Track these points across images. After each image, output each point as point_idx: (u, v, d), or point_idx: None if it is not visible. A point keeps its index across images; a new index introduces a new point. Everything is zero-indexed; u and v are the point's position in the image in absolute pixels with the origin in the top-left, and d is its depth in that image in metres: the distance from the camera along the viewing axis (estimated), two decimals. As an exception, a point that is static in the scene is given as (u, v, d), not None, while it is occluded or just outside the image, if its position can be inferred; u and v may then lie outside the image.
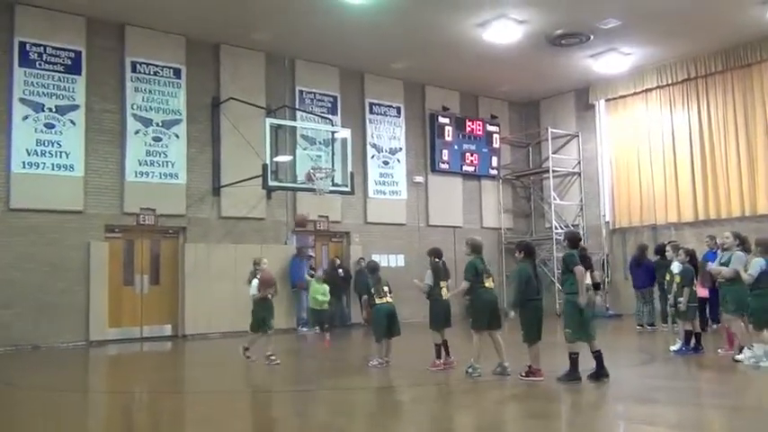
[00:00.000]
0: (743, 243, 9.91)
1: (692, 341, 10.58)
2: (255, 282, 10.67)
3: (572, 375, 8.28)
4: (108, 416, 7.86)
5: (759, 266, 9.06)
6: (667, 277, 11.12)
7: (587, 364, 8.31)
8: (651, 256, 14.59)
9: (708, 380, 9.16)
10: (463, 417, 7.25)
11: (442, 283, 9.68)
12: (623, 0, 14.33)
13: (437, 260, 9.85)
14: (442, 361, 9.57)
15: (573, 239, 8.93)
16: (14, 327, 13.31)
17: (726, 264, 9.64)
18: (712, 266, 10.25)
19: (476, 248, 9.28)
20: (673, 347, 10.72)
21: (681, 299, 10.43)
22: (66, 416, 7.60)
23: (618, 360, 10.46)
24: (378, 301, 10.03)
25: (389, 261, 18.36)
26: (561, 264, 8.91)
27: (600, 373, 8.23)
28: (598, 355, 8.32)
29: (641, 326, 14.38)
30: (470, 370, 8.87)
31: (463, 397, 8.21)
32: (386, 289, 10.10)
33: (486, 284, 9.05)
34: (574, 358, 8.32)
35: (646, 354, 11.26)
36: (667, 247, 12.26)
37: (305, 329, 16.26)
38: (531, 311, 8.57)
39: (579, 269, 8.30)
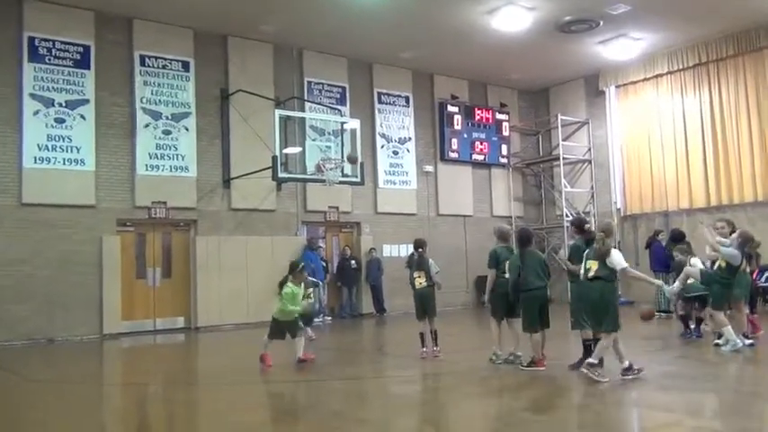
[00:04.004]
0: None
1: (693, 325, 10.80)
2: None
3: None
4: (123, 407, 7.92)
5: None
6: None
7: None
8: (665, 242, 14.54)
9: (724, 366, 9.11)
10: (472, 405, 7.26)
11: (416, 274, 9.77)
12: (633, -15, 14.22)
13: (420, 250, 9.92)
14: (424, 349, 9.71)
15: (576, 225, 9.07)
16: (29, 321, 13.43)
17: None
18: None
19: (501, 236, 9.36)
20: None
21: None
22: (82, 408, 7.66)
23: (628, 347, 10.41)
24: None
25: (400, 251, 18.37)
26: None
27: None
28: (590, 344, 8.32)
29: (658, 312, 14.27)
30: (494, 357, 8.97)
31: (479, 385, 8.21)
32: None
33: (507, 274, 8.97)
34: (587, 345, 8.32)
35: (659, 340, 11.21)
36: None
37: (316, 320, 16.22)
38: (526, 301, 8.57)
39: (572, 268, 8.53)
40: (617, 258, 7.80)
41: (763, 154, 16.88)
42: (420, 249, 9.92)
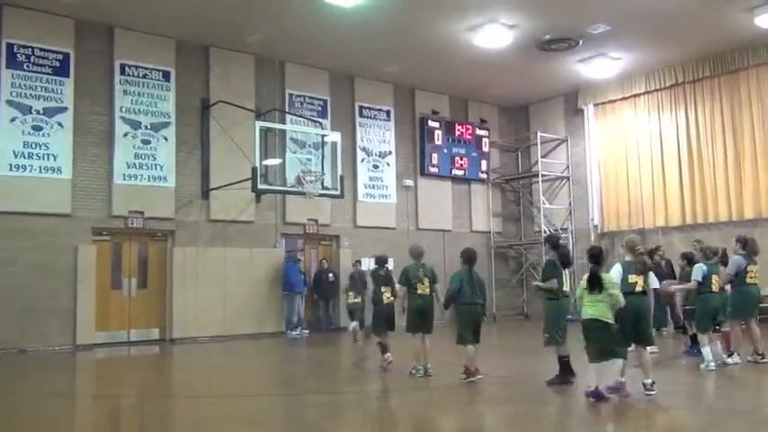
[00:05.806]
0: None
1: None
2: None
3: (562, 378, 8.32)
4: (96, 421, 7.79)
5: (701, 271, 9.43)
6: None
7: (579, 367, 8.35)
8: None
9: (697, 383, 9.18)
10: (448, 419, 7.25)
11: (384, 289, 10.09)
12: (612, 5, 14.43)
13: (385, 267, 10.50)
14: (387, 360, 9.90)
15: (550, 242, 9.40)
16: (0, 330, 13.18)
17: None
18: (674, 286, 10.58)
19: (412, 254, 9.70)
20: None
21: None
22: (54, 421, 7.52)
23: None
24: None
25: (379, 265, 18.30)
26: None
27: (564, 379, 8.34)
28: (566, 360, 8.42)
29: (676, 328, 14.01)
30: (413, 371, 9.31)
31: (454, 399, 8.20)
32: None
33: (419, 291, 9.36)
34: (564, 361, 8.37)
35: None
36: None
37: (294, 333, 16.22)
38: (463, 315, 8.86)
39: (553, 282, 8.57)
40: (654, 278, 7.85)
41: (737, 174, 17.17)
42: (386, 265, 10.38)
